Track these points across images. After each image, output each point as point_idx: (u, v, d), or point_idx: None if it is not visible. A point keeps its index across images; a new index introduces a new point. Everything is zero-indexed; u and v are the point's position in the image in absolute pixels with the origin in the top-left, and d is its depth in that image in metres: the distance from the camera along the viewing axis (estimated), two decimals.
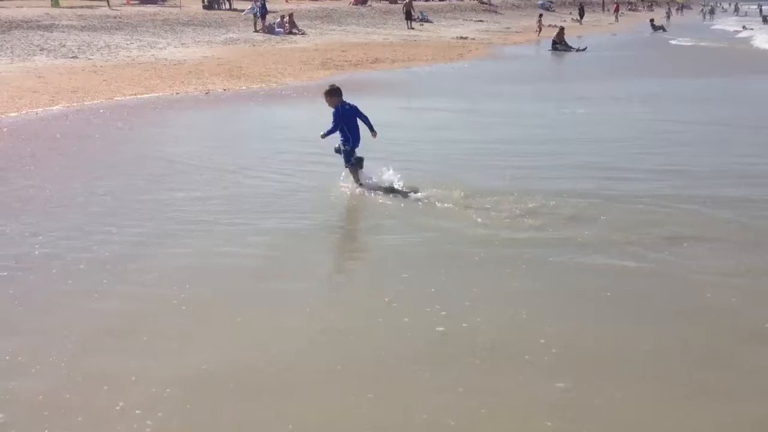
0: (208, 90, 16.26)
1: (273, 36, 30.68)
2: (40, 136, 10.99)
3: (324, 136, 8.11)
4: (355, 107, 8.15)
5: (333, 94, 8.03)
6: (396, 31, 37.50)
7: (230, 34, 29.72)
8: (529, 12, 61.10)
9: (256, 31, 31.48)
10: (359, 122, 8.15)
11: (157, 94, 15.42)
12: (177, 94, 15.66)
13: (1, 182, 8.42)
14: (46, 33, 24.76)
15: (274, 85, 17.77)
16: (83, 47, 22.67)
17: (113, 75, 17.72)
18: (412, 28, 39.54)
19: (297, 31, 32.63)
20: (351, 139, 8.07)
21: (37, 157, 9.65)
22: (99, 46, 23.16)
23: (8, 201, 7.68)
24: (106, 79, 17.04)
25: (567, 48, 30.76)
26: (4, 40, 22.47)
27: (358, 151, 8.23)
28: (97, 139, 11.02)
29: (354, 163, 8.17)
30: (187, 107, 14.31)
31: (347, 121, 8.03)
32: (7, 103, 13.40)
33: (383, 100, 14.90)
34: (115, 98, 14.64)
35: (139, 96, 15.10)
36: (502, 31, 42.24)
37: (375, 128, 8.15)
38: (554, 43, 30.99)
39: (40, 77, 16.70)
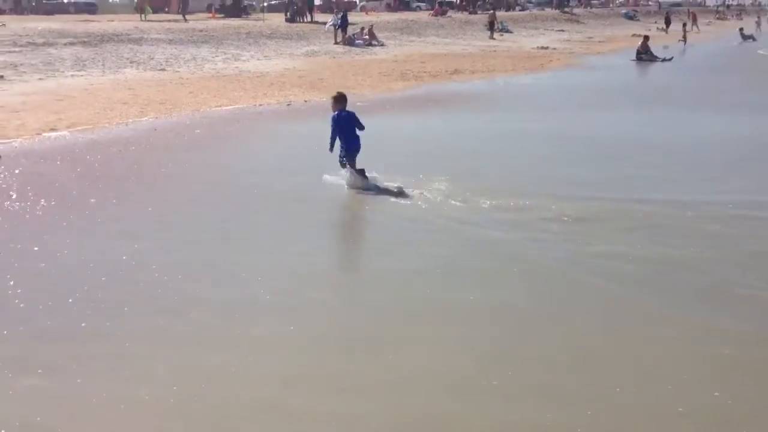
0: (290, 101, 16.50)
1: (353, 48, 30.96)
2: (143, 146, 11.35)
3: (331, 148, 8.66)
4: (353, 114, 8.71)
5: (340, 100, 8.74)
6: (475, 41, 37.32)
7: (311, 47, 30.14)
8: (612, 21, 59.97)
9: (336, 43, 31.83)
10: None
11: (241, 106, 15.73)
12: (260, 105, 15.94)
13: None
14: (135, 46, 25.65)
15: (352, 97, 17.87)
16: (171, 60, 23.37)
17: (199, 87, 18.19)
18: (493, 38, 39.33)
19: (376, 43, 32.84)
20: (348, 146, 8.57)
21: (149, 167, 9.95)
22: (186, 59, 23.84)
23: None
24: (192, 90, 17.49)
25: (652, 58, 29.95)
26: (96, 53, 23.37)
27: (359, 159, 8.64)
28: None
29: (348, 164, 8.61)
30: (280, 119, 14.53)
31: (344, 127, 8.56)
32: (99, 114, 13.88)
33: (464, 114, 14.83)
34: (201, 109, 15.00)
35: (223, 107, 15.43)
36: (584, 41, 41.50)
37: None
38: (638, 52, 30.22)
39: (129, 89, 17.28)
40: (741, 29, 49.77)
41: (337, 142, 8.70)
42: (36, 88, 16.84)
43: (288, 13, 40.83)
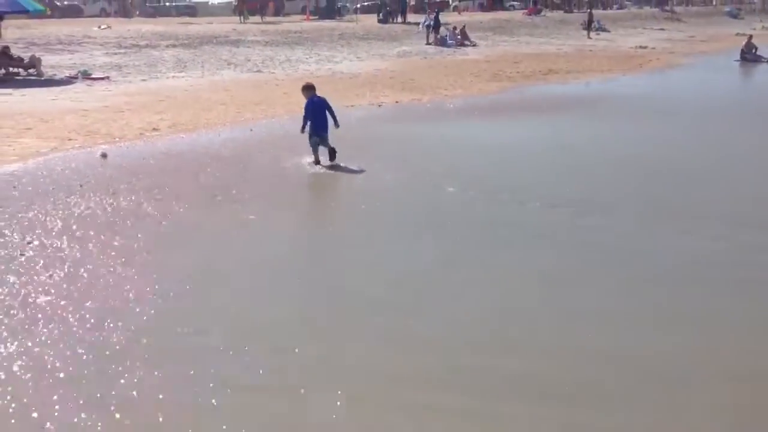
0: (381, 103, 16.58)
1: (445, 48, 30.87)
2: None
3: (303, 130, 10.13)
4: (324, 100, 10.18)
5: (309, 88, 10.29)
6: (570, 41, 36.56)
7: (403, 47, 30.22)
8: (714, 20, 57.63)
9: (428, 43, 31.79)
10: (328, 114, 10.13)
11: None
12: (351, 106, 16.07)
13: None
14: (233, 48, 26.36)
15: (443, 99, 17.82)
16: (266, 61, 23.90)
17: (293, 88, 18.47)
18: (590, 38, 38.50)
19: (469, 43, 32.64)
20: (314, 125, 9.99)
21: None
22: (280, 60, 24.33)
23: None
24: (287, 92, 17.81)
25: (757, 58, 28.59)
26: (196, 55, 24.15)
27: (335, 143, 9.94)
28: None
29: (313, 142, 10.02)
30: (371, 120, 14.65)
31: (316, 111, 10.00)
32: (198, 115, 14.30)
33: (560, 122, 14.55)
34: (295, 111, 15.24)
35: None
36: (685, 40, 40.03)
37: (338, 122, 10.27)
38: (743, 53, 28.92)
39: (227, 90, 17.76)
40: None
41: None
42: (139, 89, 17.55)
43: (381, 15, 41.09)
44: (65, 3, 53.19)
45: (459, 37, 32.81)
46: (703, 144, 12.49)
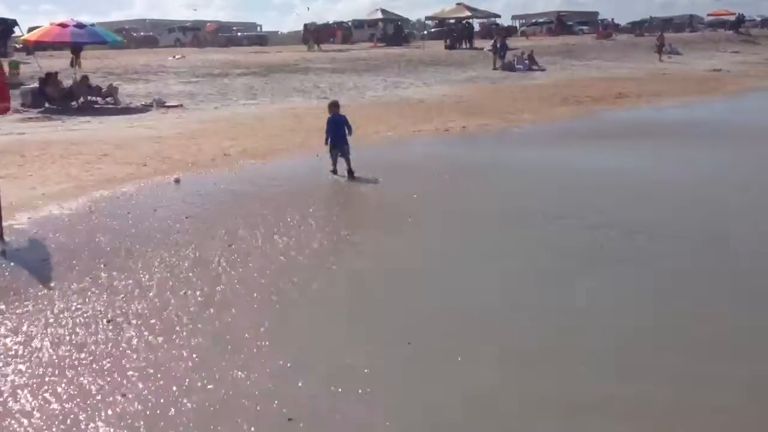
0: (448, 128, 16.53)
1: (512, 73, 30.72)
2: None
3: (327, 141, 11.15)
4: (344, 117, 11.20)
5: (334, 106, 11.42)
6: (642, 64, 35.93)
7: (470, 73, 30.22)
8: None
9: (495, 68, 31.70)
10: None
11: (399, 133, 15.93)
12: (417, 132, 16.07)
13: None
14: (301, 75, 26.80)
15: (510, 125, 17.65)
16: (334, 88, 24.21)
17: (360, 114, 18.61)
18: (662, 61, 37.75)
19: (537, 68, 32.42)
20: (333, 138, 11.07)
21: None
22: (348, 87, 24.61)
23: None
24: (354, 118, 17.90)
25: None
26: (266, 83, 24.64)
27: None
28: None
29: (333, 154, 11.12)
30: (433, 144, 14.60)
31: (335, 126, 11.05)
32: (268, 141, 14.51)
33: (636, 151, 14.01)
34: (360, 135, 15.31)
35: (380, 133, 15.68)
36: (762, 63, 38.81)
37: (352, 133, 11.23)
38: None
39: (296, 116, 18.01)
40: None
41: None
42: (211, 116, 17.96)
43: (448, 41, 41.22)
44: (141, 34, 55.19)
45: (527, 62, 32.62)
46: None
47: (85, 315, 5.78)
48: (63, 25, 19.60)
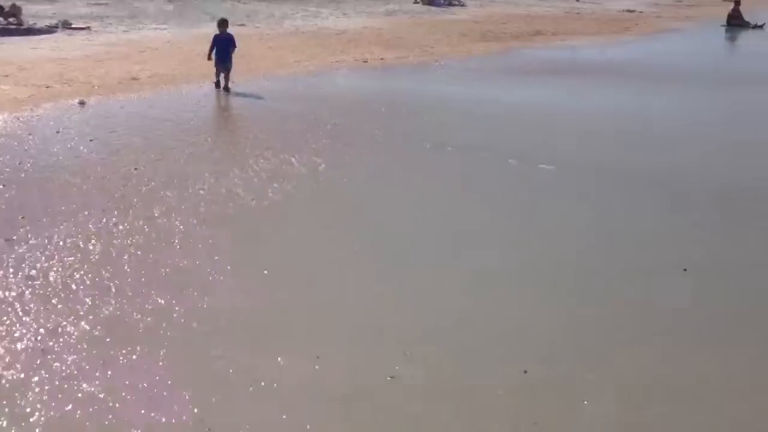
0: (366, 59, 16.43)
1: (432, 7, 30.54)
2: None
3: (209, 56, 11.86)
4: (231, 36, 12.01)
5: (222, 24, 12.05)
6: (559, 2, 36.26)
7: (391, 5, 29.85)
8: None
9: (416, 2, 31.42)
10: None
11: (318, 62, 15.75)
12: (336, 62, 15.91)
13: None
14: (217, 1, 25.92)
15: (430, 58, 17.69)
16: (251, 15, 23.53)
17: (278, 43, 18.28)
18: (578, 0, 38.18)
19: (457, 3, 32.31)
20: (218, 55, 11.85)
21: None
22: (265, 15, 23.97)
23: None
24: (272, 46, 17.60)
25: (743, 24, 28.49)
26: (180, 8, 23.75)
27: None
28: None
29: (217, 70, 11.87)
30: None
31: (221, 43, 11.82)
32: (179, 66, 14.09)
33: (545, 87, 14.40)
34: (281, 63, 15.09)
35: (301, 62, 15.46)
36: (673, 5, 39.78)
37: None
38: (729, 18, 28.82)
39: (209, 43, 17.40)
40: None
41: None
42: (121, 39, 17.26)
43: None
44: None
45: None
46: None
47: None
48: None
